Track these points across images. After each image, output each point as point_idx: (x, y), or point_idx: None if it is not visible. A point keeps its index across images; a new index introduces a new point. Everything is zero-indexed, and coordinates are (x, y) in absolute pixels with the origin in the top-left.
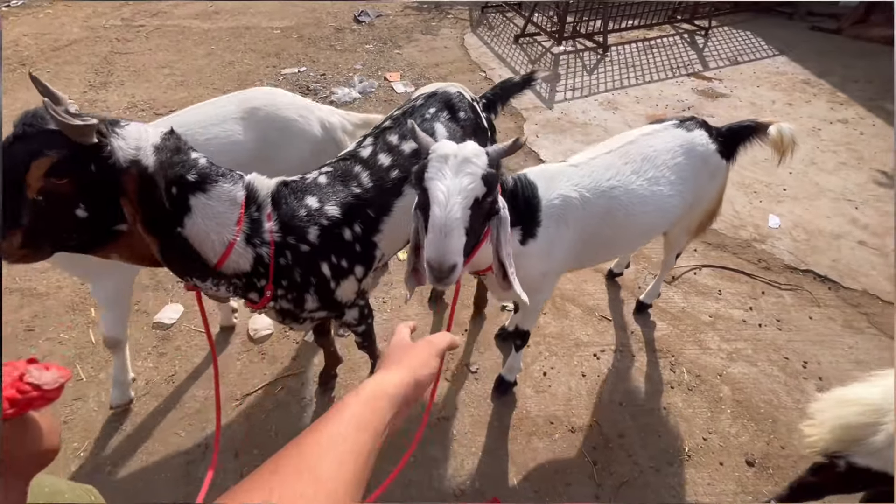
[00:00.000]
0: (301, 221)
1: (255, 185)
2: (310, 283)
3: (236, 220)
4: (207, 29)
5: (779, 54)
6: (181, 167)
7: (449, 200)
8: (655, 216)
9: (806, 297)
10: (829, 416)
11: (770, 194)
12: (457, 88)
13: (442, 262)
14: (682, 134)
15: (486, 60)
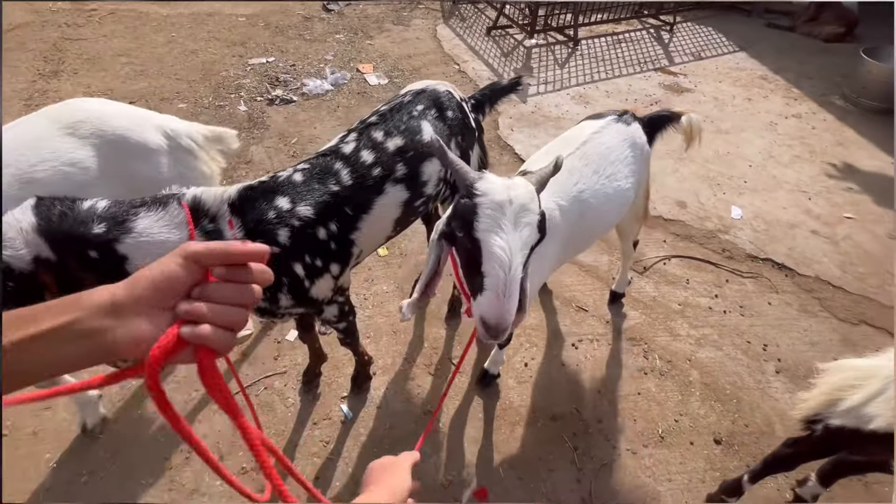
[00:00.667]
0: (269, 224)
1: (200, 198)
2: (282, 283)
3: (185, 238)
4: (167, 15)
5: (739, 50)
6: (80, 226)
7: (513, 261)
8: (617, 210)
9: (765, 284)
10: (824, 382)
11: (732, 187)
12: (446, 87)
13: (500, 324)
14: (624, 128)
15: (460, 53)
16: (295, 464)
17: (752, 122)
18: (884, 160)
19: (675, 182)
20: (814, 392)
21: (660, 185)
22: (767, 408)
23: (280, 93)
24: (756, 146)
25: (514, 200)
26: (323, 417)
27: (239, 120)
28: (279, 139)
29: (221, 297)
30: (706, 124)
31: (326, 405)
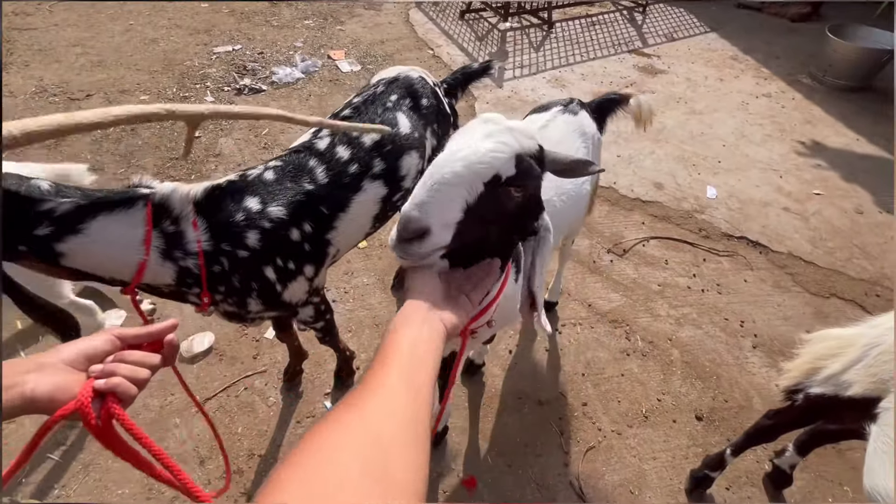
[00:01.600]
0: (237, 227)
1: (166, 197)
2: (251, 287)
3: (141, 239)
4: (123, 2)
5: (710, 31)
6: (20, 225)
7: (458, 153)
8: (579, 206)
9: (741, 262)
10: (806, 351)
11: (707, 167)
12: (419, 73)
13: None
14: (572, 119)
15: (433, 37)
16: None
17: (724, 101)
18: (849, 137)
19: (651, 164)
20: (797, 362)
21: (637, 168)
22: (745, 383)
23: (248, 82)
24: (729, 126)
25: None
26: (307, 415)
27: None
28: (249, 130)
29: (131, 360)
30: (681, 105)
31: (310, 402)
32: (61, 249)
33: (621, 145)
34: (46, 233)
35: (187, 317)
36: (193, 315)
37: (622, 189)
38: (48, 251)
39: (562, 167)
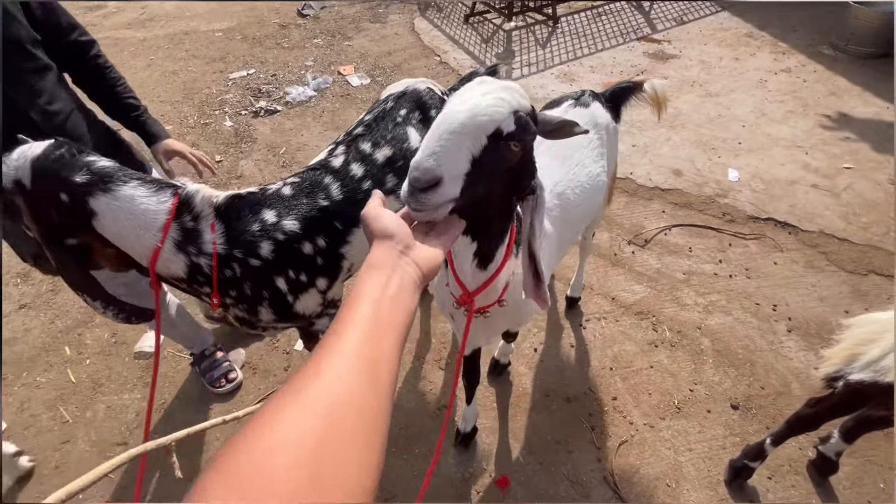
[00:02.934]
0: (252, 236)
1: (191, 195)
2: (262, 296)
3: (160, 225)
4: (143, 38)
5: (721, 10)
6: (67, 171)
7: (461, 107)
8: (595, 197)
9: (769, 244)
10: (846, 337)
11: (727, 149)
12: (426, 84)
13: (424, 167)
14: (583, 111)
15: (439, 44)
16: None
17: (741, 81)
18: (879, 105)
19: (669, 151)
20: (836, 348)
21: (654, 156)
22: (782, 368)
23: (264, 104)
24: (747, 105)
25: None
26: None
27: (226, 136)
28: (268, 150)
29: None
30: (695, 88)
31: None
32: (93, 206)
33: (635, 135)
34: (84, 180)
35: (225, 334)
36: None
37: (640, 179)
38: (83, 206)
39: (551, 128)
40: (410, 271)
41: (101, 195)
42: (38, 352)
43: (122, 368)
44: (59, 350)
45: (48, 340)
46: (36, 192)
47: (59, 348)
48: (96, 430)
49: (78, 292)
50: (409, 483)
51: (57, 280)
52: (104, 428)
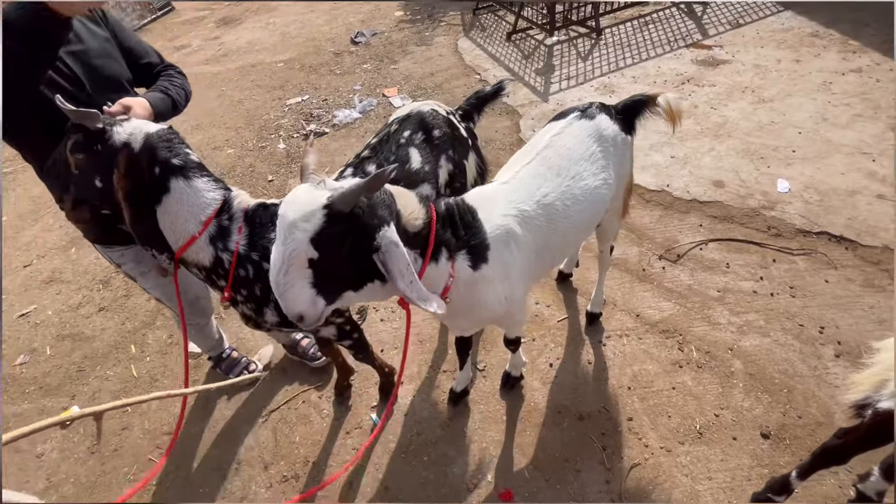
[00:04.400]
0: (268, 242)
1: (233, 198)
2: (269, 298)
3: (205, 219)
4: (217, 72)
5: (783, 10)
6: (167, 152)
7: (273, 266)
8: (590, 210)
9: (821, 261)
10: (876, 361)
11: (778, 158)
12: (430, 106)
13: (287, 314)
14: (587, 123)
15: (480, 62)
16: (329, 471)
17: (800, 84)
18: None
19: (711, 161)
20: (864, 373)
21: (693, 167)
22: (825, 396)
23: (314, 127)
24: (806, 111)
25: (285, 217)
26: (355, 426)
27: (279, 157)
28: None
29: None
30: (747, 95)
31: (358, 415)
32: (171, 185)
33: (675, 146)
34: (176, 163)
35: (257, 337)
36: (262, 335)
37: (676, 191)
38: (164, 182)
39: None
40: None
41: (182, 179)
42: (110, 349)
43: (175, 366)
44: (126, 348)
45: (118, 339)
46: (139, 156)
47: (127, 346)
48: (149, 420)
49: (146, 246)
50: (417, 488)
51: (130, 286)
52: (156, 418)
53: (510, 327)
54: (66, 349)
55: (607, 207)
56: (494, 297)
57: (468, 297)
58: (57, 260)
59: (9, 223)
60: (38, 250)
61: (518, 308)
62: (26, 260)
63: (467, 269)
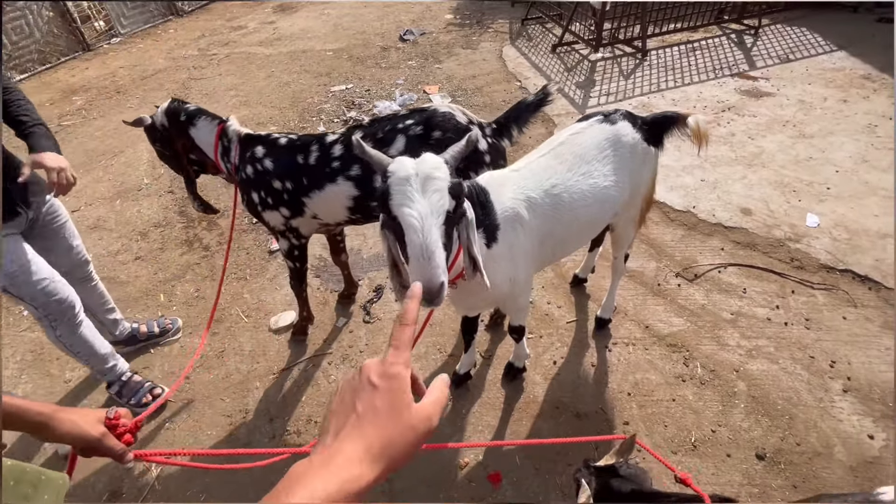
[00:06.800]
0: (247, 160)
1: (227, 126)
2: (244, 198)
3: (213, 143)
4: (269, 54)
5: (837, 49)
6: (177, 115)
7: (424, 224)
8: (596, 208)
9: (841, 298)
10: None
11: (811, 193)
12: (447, 108)
13: (432, 287)
14: (608, 127)
15: (523, 70)
16: None
17: (844, 124)
18: None
19: (742, 188)
20: None
21: (722, 192)
22: (827, 428)
23: (353, 115)
24: (847, 150)
25: (419, 172)
26: None
27: None
28: None
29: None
30: (787, 128)
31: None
32: (191, 133)
33: (707, 169)
34: (182, 119)
35: (277, 301)
36: (282, 299)
37: (702, 213)
38: (186, 132)
39: (462, 153)
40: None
41: (191, 127)
42: (141, 295)
43: (197, 318)
44: (156, 296)
45: (149, 287)
46: (170, 129)
47: (156, 295)
48: (169, 363)
49: (190, 195)
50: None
51: (165, 239)
52: (175, 362)
53: (514, 312)
54: None
55: (616, 211)
56: (501, 277)
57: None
58: (102, 209)
59: None
60: (87, 199)
61: (521, 291)
62: (75, 206)
63: (483, 247)
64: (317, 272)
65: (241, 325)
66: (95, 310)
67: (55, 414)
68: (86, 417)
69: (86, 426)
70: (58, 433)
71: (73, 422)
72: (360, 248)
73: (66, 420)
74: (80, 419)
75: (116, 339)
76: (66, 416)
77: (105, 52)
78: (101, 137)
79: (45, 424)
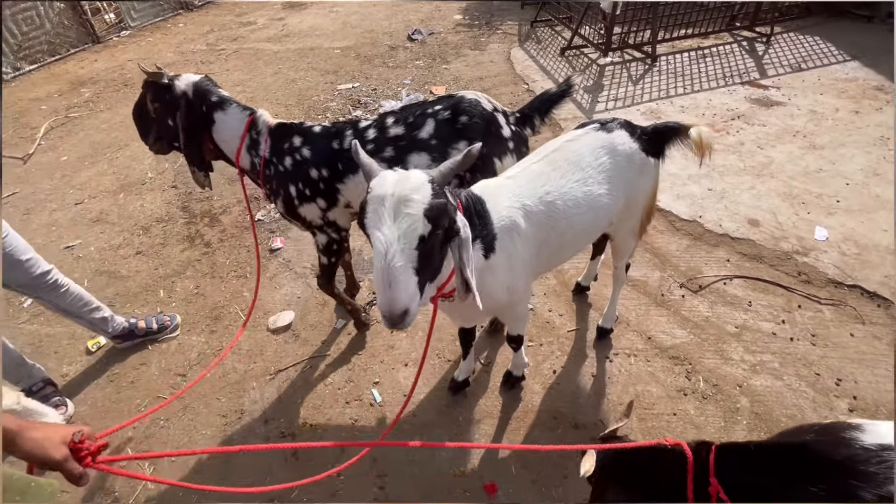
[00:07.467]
0: (282, 151)
1: (258, 117)
2: (279, 193)
3: (240, 135)
4: (277, 51)
5: (850, 59)
6: (207, 95)
7: (388, 250)
8: (590, 216)
9: (849, 314)
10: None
11: (820, 206)
12: (474, 95)
13: (391, 312)
14: (603, 136)
15: (530, 73)
16: (324, 435)
17: (856, 136)
18: None
19: (750, 199)
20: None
21: (730, 202)
22: None
23: (359, 114)
24: (858, 163)
25: (395, 193)
26: (355, 398)
27: None
28: None
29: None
30: (797, 139)
31: (360, 388)
32: (216, 117)
33: (715, 179)
34: (214, 100)
35: (277, 301)
36: (281, 298)
37: (708, 223)
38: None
39: (456, 168)
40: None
41: (220, 112)
42: (141, 290)
43: (196, 316)
44: (156, 291)
45: (150, 282)
46: (194, 101)
47: (156, 290)
48: (166, 360)
49: (192, 165)
50: (404, 465)
51: (167, 234)
52: (172, 360)
53: (512, 322)
54: (102, 284)
55: (611, 220)
56: (499, 286)
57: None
58: (106, 202)
59: (68, 162)
60: (91, 191)
61: (519, 300)
62: (79, 198)
63: (480, 258)
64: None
65: (239, 323)
66: (78, 313)
67: (22, 432)
68: (51, 439)
69: (49, 448)
70: (22, 451)
71: (38, 442)
72: (363, 248)
73: (30, 439)
74: (45, 440)
75: (111, 336)
76: (31, 434)
77: (114, 44)
78: (107, 130)
79: (11, 441)
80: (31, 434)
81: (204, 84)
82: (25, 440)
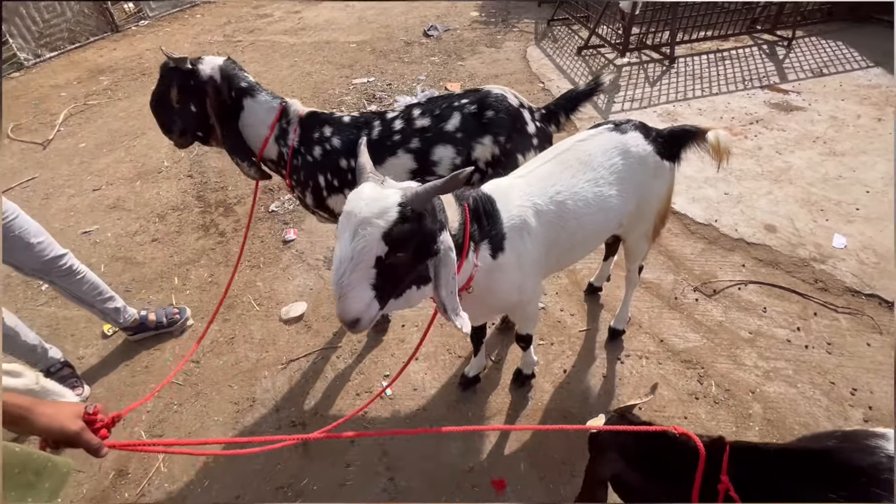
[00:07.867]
0: (312, 141)
1: (288, 106)
2: (308, 184)
3: (270, 123)
4: (293, 43)
5: (873, 66)
6: (236, 79)
7: (339, 266)
8: (600, 216)
9: (866, 323)
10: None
11: (839, 213)
12: (501, 90)
13: (341, 320)
14: (616, 136)
15: (546, 72)
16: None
17: (878, 143)
18: None
19: (767, 204)
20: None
21: (746, 207)
22: None
23: (374, 108)
24: (879, 170)
25: (359, 213)
26: (365, 390)
27: None
28: None
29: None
30: (817, 145)
31: (370, 380)
32: (245, 104)
33: (732, 183)
34: (243, 85)
35: (290, 291)
36: (294, 289)
37: (724, 228)
38: (240, 101)
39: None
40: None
41: (249, 98)
42: (156, 277)
43: (210, 304)
44: (171, 279)
45: (165, 269)
46: (217, 85)
47: (171, 277)
48: (180, 346)
49: (233, 155)
50: (415, 458)
51: (182, 222)
52: (186, 346)
53: (522, 321)
54: (118, 269)
55: (621, 221)
56: (508, 285)
57: (484, 285)
58: (122, 189)
59: (86, 149)
60: (108, 178)
61: (529, 299)
62: (97, 185)
63: (488, 258)
64: (329, 264)
65: (252, 313)
66: (91, 301)
67: (34, 408)
68: (64, 411)
69: (64, 420)
70: (36, 426)
71: (52, 416)
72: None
73: (44, 414)
74: (59, 413)
75: (123, 327)
76: (44, 409)
77: (133, 34)
78: (124, 118)
79: (23, 417)
80: (44, 409)
81: (231, 68)
82: (39, 415)
